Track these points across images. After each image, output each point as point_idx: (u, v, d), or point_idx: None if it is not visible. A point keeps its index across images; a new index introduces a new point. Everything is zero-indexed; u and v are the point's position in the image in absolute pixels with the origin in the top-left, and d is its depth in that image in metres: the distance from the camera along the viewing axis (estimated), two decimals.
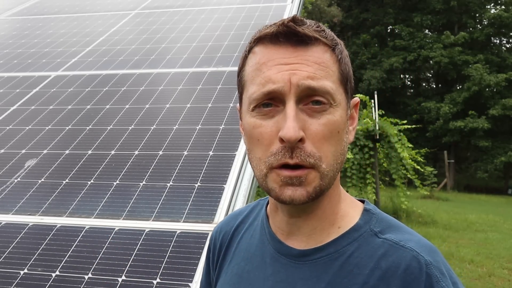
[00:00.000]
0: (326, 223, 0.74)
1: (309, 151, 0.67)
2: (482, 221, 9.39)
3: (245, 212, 0.91)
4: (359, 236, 0.72)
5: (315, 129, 0.68)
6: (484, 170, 20.11)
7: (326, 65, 0.69)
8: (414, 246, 0.69)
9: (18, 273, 1.24)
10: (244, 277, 0.80)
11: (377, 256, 0.69)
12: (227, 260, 0.86)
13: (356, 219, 0.74)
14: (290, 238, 0.76)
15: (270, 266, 0.77)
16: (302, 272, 0.73)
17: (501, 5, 23.54)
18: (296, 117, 0.66)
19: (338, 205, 0.75)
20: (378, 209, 0.76)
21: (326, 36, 0.71)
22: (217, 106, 1.95)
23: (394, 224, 0.74)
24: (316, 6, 21.01)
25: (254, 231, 0.84)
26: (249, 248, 0.82)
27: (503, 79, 19.97)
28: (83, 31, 3.12)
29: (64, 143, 1.83)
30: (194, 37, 2.74)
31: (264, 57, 0.70)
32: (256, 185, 1.64)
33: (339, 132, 0.70)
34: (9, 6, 3.95)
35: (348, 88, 0.73)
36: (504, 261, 6.21)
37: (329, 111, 0.69)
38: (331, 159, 0.69)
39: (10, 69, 2.62)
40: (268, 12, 2.98)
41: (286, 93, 0.67)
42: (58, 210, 1.48)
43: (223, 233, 0.90)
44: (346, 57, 0.73)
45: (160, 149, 1.71)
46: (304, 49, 0.69)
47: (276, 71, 0.68)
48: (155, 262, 1.24)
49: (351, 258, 0.70)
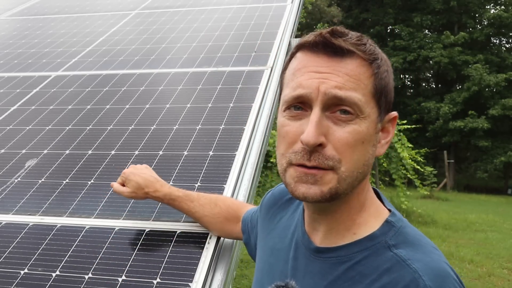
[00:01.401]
0: (342, 227, 0.76)
1: (329, 154, 0.70)
2: (482, 221, 9.39)
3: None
4: (372, 245, 0.72)
5: (339, 135, 0.70)
6: (484, 170, 20.10)
7: (357, 78, 0.71)
8: (419, 267, 0.67)
9: (19, 273, 1.25)
10: (274, 253, 0.88)
11: (382, 269, 0.69)
12: (269, 229, 0.94)
13: (375, 229, 0.74)
14: (313, 232, 0.80)
15: (293, 250, 0.83)
16: (313, 266, 0.77)
17: (501, 5, 23.53)
18: (318, 123, 0.70)
19: (358, 213, 0.77)
20: (404, 221, 0.76)
21: (365, 50, 0.73)
22: (217, 106, 1.95)
23: (413, 239, 0.73)
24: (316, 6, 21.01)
25: (296, 214, 0.89)
26: (286, 228, 0.89)
27: (503, 79, 19.95)
28: (83, 31, 3.12)
29: (64, 143, 1.84)
30: (194, 37, 2.75)
31: (300, 64, 0.75)
32: (256, 185, 1.64)
33: (363, 142, 0.71)
34: (9, 6, 3.95)
35: (381, 102, 0.74)
36: (503, 261, 6.21)
37: (355, 122, 0.71)
38: (351, 165, 0.71)
39: (10, 69, 2.62)
40: (268, 12, 2.98)
41: (313, 99, 0.71)
42: (58, 210, 1.48)
43: (275, 200, 0.98)
44: (385, 72, 0.75)
45: (160, 149, 1.71)
46: (338, 60, 0.72)
47: (307, 77, 0.72)
48: (155, 262, 1.24)
49: (357, 265, 0.72)
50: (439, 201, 12.61)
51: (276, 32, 2.63)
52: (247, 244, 1.13)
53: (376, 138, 0.75)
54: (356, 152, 0.71)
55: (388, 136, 0.78)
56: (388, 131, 0.78)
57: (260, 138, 1.72)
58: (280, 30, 2.65)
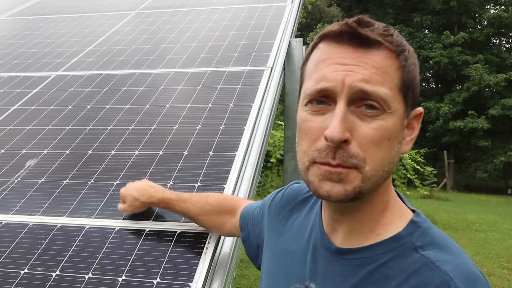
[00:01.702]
0: (365, 227, 0.73)
1: (353, 152, 0.66)
2: (481, 221, 9.39)
3: (308, 191, 0.92)
4: (397, 247, 0.69)
5: (364, 132, 0.66)
6: (484, 170, 20.10)
7: (385, 71, 0.68)
8: (450, 269, 0.64)
9: (19, 273, 1.25)
10: (289, 255, 0.83)
11: (409, 272, 0.66)
12: (281, 231, 0.90)
13: (399, 229, 0.71)
14: (332, 232, 0.77)
15: (311, 252, 0.79)
16: (334, 268, 0.73)
17: (501, 5, 23.53)
18: (343, 118, 0.66)
19: (381, 213, 0.73)
20: (428, 222, 0.73)
21: (392, 41, 0.69)
22: (217, 106, 1.95)
23: (439, 241, 0.70)
24: (316, 6, 21.02)
25: (311, 214, 0.86)
26: (301, 229, 0.85)
27: (502, 79, 19.95)
28: (83, 31, 3.12)
29: (64, 143, 1.84)
30: (194, 37, 2.75)
31: (324, 55, 0.70)
32: (256, 185, 1.64)
33: (389, 139, 0.68)
34: (9, 6, 3.95)
35: (408, 97, 0.70)
36: (503, 261, 6.22)
37: (382, 117, 0.67)
38: (376, 163, 0.67)
39: (10, 69, 2.62)
40: (268, 12, 2.98)
41: (338, 93, 0.67)
42: (58, 210, 1.48)
43: (288, 200, 0.93)
44: (412, 65, 0.71)
45: (160, 149, 1.71)
46: (364, 52, 0.68)
47: (332, 69, 0.68)
48: (155, 262, 1.24)
49: (382, 267, 0.68)
50: (439, 201, 12.61)
51: (276, 32, 2.63)
52: (245, 241, 1.10)
53: (402, 135, 0.71)
54: (381, 150, 0.67)
55: (413, 133, 0.74)
56: (413, 128, 0.74)
57: (260, 138, 1.72)
58: (280, 30, 2.65)
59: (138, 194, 1.32)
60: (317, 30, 13.83)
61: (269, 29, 2.69)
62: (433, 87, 26.11)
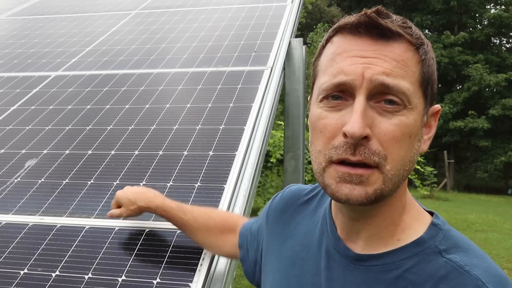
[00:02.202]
0: (385, 232, 0.69)
1: (375, 149, 0.62)
2: (482, 221, 9.39)
3: (311, 192, 0.87)
4: (421, 251, 0.66)
5: (385, 128, 0.63)
6: (484, 170, 20.11)
7: (406, 64, 0.64)
8: (480, 274, 0.61)
9: (18, 273, 1.25)
10: (297, 263, 0.78)
11: (437, 277, 0.63)
12: (283, 236, 0.84)
13: (420, 233, 0.68)
14: (349, 238, 0.73)
15: (324, 260, 0.74)
16: (353, 276, 0.69)
17: (501, 5, 23.53)
18: (364, 113, 0.62)
19: (400, 217, 0.70)
20: (447, 224, 0.70)
21: (411, 33, 0.66)
22: (217, 106, 1.95)
23: (463, 244, 0.67)
24: (316, 6, 21.02)
25: (316, 218, 0.80)
26: (308, 235, 0.79)
27: (503, 79, 19.96)
28: (83, 31, 3.12)
29: (64, 143, 1.84)
30: (194, 37, 2.74)
31: (340, 48, 0.67)
32: (256, 185, 1.64)
33: (410, 136, 0.64)
34: (9, 6, 3.95)
35: (428, 92, 0.67)
36: (504, 261, 6.21)
37: (402, 113, 0.64)
38: (398, 162, 0.64)
39: (10, 69, 2.62)
40: (268, 12, 2.98)
41: (357, 87, 0.63)
42: (58, 210, 1.48)
43: (286, 205, 0.88)
44: (431, 59, 0.68)
45: (160, 149, 1.71)
46: (384, 44, 0.64)
47: (350, 62, 0.64)
48: (155, 262, 1.24)
49: (407, 273, 0.65)
50: (439, 201, 12.61)
51: (276, 32, 2.63)
52: (243, 260, 1.02)
53: (421, 133, 0.67)
54: (403, 147, 0.63)
55: (430, 131, 0.71)
56: (430, 126, 0.71)
57: (260, 138, 1.72)
58: (280, 30, 2.65)
59: (136, 197, 1.23)
60: (317, 30, 13.80)
61: (269, 29, 2.69)
62: None
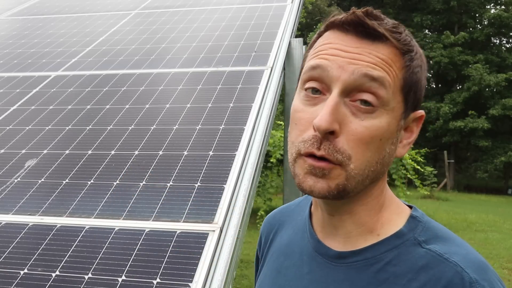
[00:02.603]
0: (363, 229, 0.71)
1: (340, 147, 0.63)
2: (482, 221, 9.40)
3: (292, 206, 0.89)
4: (400, 243, 0.67)
5: (354, 129, 0.64)
6: (484, 170, 20.11)
7: (389, 64, 0.64)
8: (459, 260, 0.63)
9: (18, 273, 1.25)
10: (282, 273, 0.78)
11: (417, 267, 0.64)
12: (270, 252, 0.86)
13: (400, 226, 0.69)
14: (328, 237, 0.74)
15: (307, 264, 0.75)
16: (336, 274, 0.70)
17: (501, 5, 23.53)
18: (335, 108, 0.63)
19: (378, 215, 0.71)
20: (426, 216, 0.71)
21: (399, 38, 0.66)
22: (217, 106, 1.95)
23: (442, 234, 0.68)
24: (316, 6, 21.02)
25: (297, 227, 0.82)
26: (290, 244, 0.81)
27: (503, 79, 19.96)
28: (83, 31, 3.12)
29: (64, 143, 1.84)
30: (194, 37, 2.74)
31: (326, 40, 0.68)
32: (256, 185, 1.64)
33: (381, 139, 0.65)
34: (9, 6, 3.95)
35: (409, 98, 0.67)
36: (504, 261, 6.22)
37: (376, 114, 0.64)
38: (362, 163, 0.64)
39: (10, 69, 2.62)
40: (268, 12, 2.98)
41: (334, 79, 0.64)
42: (58, 210, 1.48)
43: (270, 225, 0.89)
44: (418, 67, 0.68)
45: (160, 149, 1.71)
46: (369, 43, 0.65)
47: (331, 52, 0.66)
48: (155, 262, 1.24)
49: (388, 266, 0.66)
50: (439, 201, 12.62)
51: (276, 32, 2.63)
52: None
53: (397, 136, 0.68)
54: (370, 150, 0.64)
55: (411, 136, 0.72)
56: (412, 131, 0.72)
57: (260, 138, 1.72)
58: (280, 30, 2.65)
59: None
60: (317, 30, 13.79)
61: (269, 29, 2.69)
62: (433, 87, 26.11)
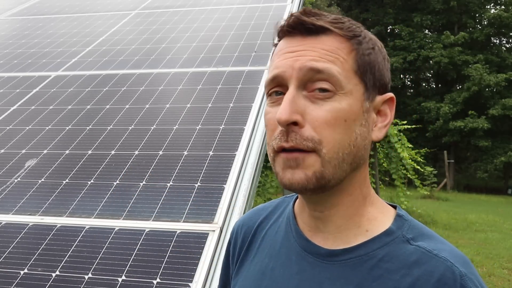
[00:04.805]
0: (351, 223, 0.72)
1: (307, 135, 0.66)
2: (482, 221, 9.39)
3: (269, 208, 0.89)
4: (391, 241, 0.70)
5: (316, 114, 0.66)
6: (484, 170, 20.10)
7: (335, 52, 0.68)
8: (448, 256, 0.67)
9: (18, 273, 1.25)
10: (267, 274, 0.78)
11: (409, 263, 0.67)
12: (250, 256, 0.84)
13: (388, 224, 0.72)
14: (316, 235, 0.74)
15: (295, 264, 0.74)
16: (329, 272, 0.71)
17: (501, 5, 23.53)
18: (292, 100, 0.66)
19: (364, 207, 0.73)
20: (409, 215, 0.75)
21: (342, 27, 0.69)
22: (217, 106, 1.95)
23: (427, 232, 0.72)
24: (316, 6, 21.02)
25: (279, 228, 0.82)
26: (273, 245, 0.80)
27: (503, 79, 19.96)
28: (83, 31, 3.12)
29: (64, 143, 1.84)
30: (194, 37, 2.74)
31: (277, 49, 0.73)
32: (256, 185, 1.64)
33: (346, 121, 0.67)
34: (9, 6, 3.95)
35: (367, 79, 0.70)
36: (504, 261, 6.21)
37: (334, 99, 0.67)
38: (334, 145, 0.66)
39: (10, 69, 2.62)
40: (268, 12, 2.98)
41: (288, 78, 0.68)
42: (58, 210, 1.48)
43: (246, 228, 0.88)
44: (369, 49, 0.71)
45: (160, 149, 1.71)
46: (313, 39, 0.69)
47: (282, 58, 0.70)
48: (155, 262, 1.24)
49: (381, 262, 0.68)
50: (439, 201, 12.61)
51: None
52: None
53: (365, 118, 0.70)
54: (337, 131, 0.66)
55: (386, 119, 0.74)
56: (385, 114, 0.74)
57: (260, 138, 1.72)
58: None
59: None
60: None
61: (269, 29, 2.69)
62: (433, 87, 26.10)
